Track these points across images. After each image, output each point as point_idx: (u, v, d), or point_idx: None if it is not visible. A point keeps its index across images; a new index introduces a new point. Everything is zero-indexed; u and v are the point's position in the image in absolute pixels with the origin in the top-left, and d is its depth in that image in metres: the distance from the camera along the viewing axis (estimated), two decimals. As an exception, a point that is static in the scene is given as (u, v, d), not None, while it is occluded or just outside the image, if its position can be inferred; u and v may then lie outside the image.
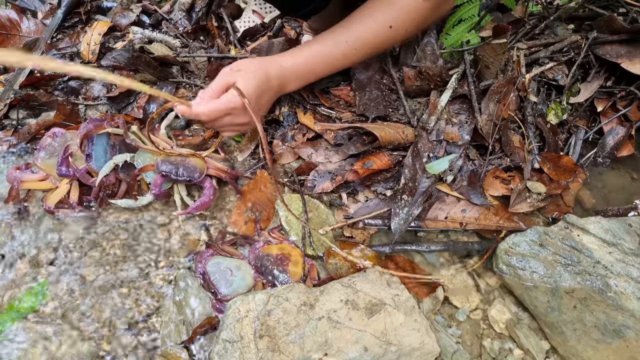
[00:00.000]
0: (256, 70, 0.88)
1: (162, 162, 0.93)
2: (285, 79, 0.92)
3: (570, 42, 1.07)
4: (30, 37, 1.32)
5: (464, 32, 1.11)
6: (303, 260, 0.87)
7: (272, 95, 0.92)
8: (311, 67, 0.94)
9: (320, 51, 0.94)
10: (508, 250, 0.83)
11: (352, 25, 0.94)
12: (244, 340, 0.72)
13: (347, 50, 0.94)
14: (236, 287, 0.82)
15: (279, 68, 0.91)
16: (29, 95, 1.17)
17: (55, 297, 0.84)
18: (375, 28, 0.93)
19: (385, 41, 0.95)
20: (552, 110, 1.04)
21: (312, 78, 0.96)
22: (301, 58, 0.94)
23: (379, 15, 0.92)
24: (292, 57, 0.94)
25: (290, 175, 1.00)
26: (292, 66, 0.93)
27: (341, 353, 0.71)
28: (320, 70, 0.96)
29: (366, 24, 0.93)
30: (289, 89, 0.96)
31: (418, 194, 0.90)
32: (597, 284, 0.76)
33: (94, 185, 0.93)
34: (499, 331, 0.82)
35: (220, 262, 0.85)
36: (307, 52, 0.95)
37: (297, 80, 0.95)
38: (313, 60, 0.94)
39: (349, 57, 0.95)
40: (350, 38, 0.93)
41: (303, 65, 0.94)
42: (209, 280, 0.83)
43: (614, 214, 0.91)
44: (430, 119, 0.95)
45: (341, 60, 0.95)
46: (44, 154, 0.95)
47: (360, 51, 0.95)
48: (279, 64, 0.92)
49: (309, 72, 0.95)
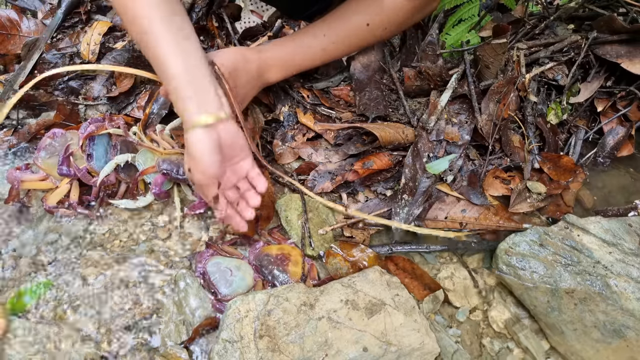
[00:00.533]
0: (234, 50, 0.88)
1: (162, 160, 0.93)
2: (263, 65, 0.92)
3: (570, 42, 1.07)
4: (30, 37, 1.32)
5: (464, 32, 1.11)
6: (303, 260, 0.87)
7: (251, 78, 0.90)
8: (289, 57, 0.94)
9: (299, 43, 0.95)
10: (508, 250, 0.83)
11: (332, 21, 0.95)
12: (244, 340, 0.72)
13: (325, 44, 0.94)
14: (236, 287, 0.82)
15: (257, 54, 0.91)
16: (29, 95, 1.17)
17: (56, 297, 0.84)
18: (352, 26, 0.94)
19: (364, 38, 0.96)
20: (552, 110, 1.04)
21: (293, 68, 0.96)
22: (279, 46, 0.95)
23: (357, 14, 0.93)
24: (271, 45, 0.95)
25: (290, 175, 1.00)
26: (271, 53, 0.93)
27: (341, 353, 0.71)
28: (299, 61, 0.95)
29: (344, 21, 0.94)
30: (270, 77, 0.95)
31: (418, 194, 0.90)
32: (597, 284, 0.77)
33: (94, 185, 0.93)
34: (499, 331, 0.82)
35: (220, 262, 0.85)
36: (286, 42, 0.95)
37: (277, 68, 0.94)
38: (291, 50, 0.95)
39: (327, 51, 0.95)
40: (329, 32, 0.94)
41: (280, 53, 0.94)
42: (209, 280, 0.83)
43: (614, 214, 0.91)
44: (430, 119, 0.95)
45: (320, 54, 0.95)
46: (44, 153, 0.95)
47: (339, 46, 0.95)
48: (257, 50, 0.92)
49: (288, 61, 0.95)
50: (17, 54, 1.31)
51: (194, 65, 0.73)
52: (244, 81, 0.88)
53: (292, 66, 0.96)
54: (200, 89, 0.73)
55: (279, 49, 0.95)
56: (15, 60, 1.31)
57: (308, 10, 1.07)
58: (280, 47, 0.95)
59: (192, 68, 0.73)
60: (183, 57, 0.73)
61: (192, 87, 0.72)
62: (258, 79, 0.93)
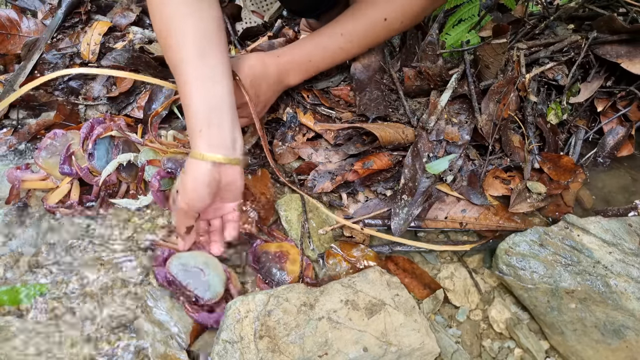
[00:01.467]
0: (254, 57, 0.89)
1: (168, 159, 0.93)
2: (283, 69, 0.92)
3: (570, 42, 1.07)
4: (30, 37, 1.32)
5: (464, 32, 1.11)
6: (301, 259, 0.86)
7: (271, 83, 0.91)
8: (308, 58, 0.94)
9: (317, 43, 0.95)
10: (508, 250, 0.83)
11: (348, 19, 0.94)
12: (244, 340, 0.72)
13: (343, 43, 0.94)
14: (215, 287, 0.79)
15: (276, 58, 0.92)
16: (29, 95, 1.17)
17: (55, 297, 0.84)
18: (369, 22, 0.94)
19: (380, 33, 0.96)
20: (552, 110, 1.04)
21: (312, 70, 0.96)
22: (296, 49, 0.95)
23: (374, 9, 0.93)
24: (289, 49, 0.95)
25: (290, 175, 1.00)
26: (289, 57, 0.93)
27: (341, 353, 0.71)
28: (318, 62, 0.96)
29: (360, 18, 0.94)
30: (290, 81, 0.96)
31: (418, 194, 0.90)
32: (597, 284, 0.77)
33: (96, 185, 0.93)
34: (499, 331, 0.82)
35: (184, 263, 0.80)
36: (304, 44, 0.95)
37: (296, 71, 0.95)
38: (310, 52, 0.95)
39: (346, 49, 0.95)
40: (346, 31, 0.94)
41: (300, 55, 0.94)
42: (182, 286, 0.78)
43: (614, 214, 0.91)
44: (430, 119, 0.95)
45: (339, 53, 0.96)
46: (45, 153, 0.96)
47: (356, 44, 0.96)
48: (275, 55, 0.93)
49: (307, 62, 0.95)
50: (17, 54, 1.31)
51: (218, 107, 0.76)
52: (265, 88, 0.90)
53: (311, 68, 0.96)
54: (220, 128, 0.75)
55: (296, 52, 0.95)
56: (15, 60, 1.31)
57: (319, 9, 1.07)
58: (297, 50, 0.95)
59: (216, 109, 0.75)
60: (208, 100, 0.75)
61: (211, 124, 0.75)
62: (278, 83, 0.93)
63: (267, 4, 1.41)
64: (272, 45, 1.19)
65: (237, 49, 1.30)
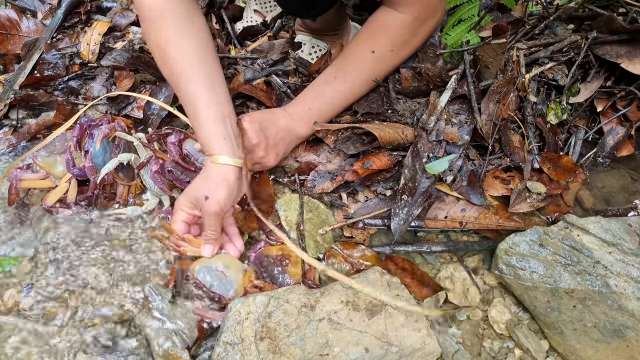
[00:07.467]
0: (263, 110, 0.96)
1: (169, 162, 0.93)
2: (290, 121, 0.94)
3: (570, 42, 1.07)
4: (30, 37, 1.32)
5: (463, 32, 1.11)
6: (302, 261, 0.86)
7: (279, 130, 0.92)
8: (308, 107, 0.96)
9: (314, 91, 0.97)
10: (508, 250, 0.83)
11: (338, 59, 0.97)
12: (244, 342, 0.72)
13: (338, 86, 0.96)
14: (237, 284, 0.82)
15: (284, 111, 0.95)
16: (29, 95, 1.17)
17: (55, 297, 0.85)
18: (358, 58, 0.95)
19: (375, 67, 0.96)
20: (552, 110, 1.04)
21: (317, 117, 0.97)
22: (300, 100, 0.97)
23: (360, 44, 0.94)
24: (294, 102, 0.98)
25: (290, 175, 1.01)
26: (293, 109, 0.96)
27: (342, 354, 0.71)
28: (319, 109, 0.97)
29: (349, 56, 0.96)
30: (300, 132, 0.97)
31: (418, 194, 0.90)
32: (597, 284, 0.77)
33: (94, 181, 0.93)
34: (499, 331, 0.82)
35: (207, 267, 0.82)
36: (304, 94, 0.98)
37: (302, 122, 0.96)
38: (310, 101, 0.96)
39: (342, 91, 0.96)
40: (339, 73, 0.96)
41: (300, 107, 0.96)
42: (208, 290, 0.81)
43: (614, 214, 0.91)
44: (429, 119, 0.95)
45: (337, 96, 0.97)
46: (44, 152, 0.96)
47: (351, 83, 0.96)
48: (283, 108, 0.97)
49: (309, 111, 0.96)
50: (17, 54, 1.31)
51: (229, 115, 0.85)
52: (274, 132, 0.91)
53: (315, 116, 0.96)
54: (234, 135, 0.84)
55: (299, 102, 0.97)
56: (15, 60, 1.31)
57: (315, 9, 1.08)
58: (300, 101, 0.97)
59: (229, 117, 0.85)
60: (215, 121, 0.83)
61: (227, 132, 0.83)
62: (289, 133, 0.95)
63: (271, 5, 1.41)
64: (272, 46, 1.19)
65: (237, 49, 1.30)
